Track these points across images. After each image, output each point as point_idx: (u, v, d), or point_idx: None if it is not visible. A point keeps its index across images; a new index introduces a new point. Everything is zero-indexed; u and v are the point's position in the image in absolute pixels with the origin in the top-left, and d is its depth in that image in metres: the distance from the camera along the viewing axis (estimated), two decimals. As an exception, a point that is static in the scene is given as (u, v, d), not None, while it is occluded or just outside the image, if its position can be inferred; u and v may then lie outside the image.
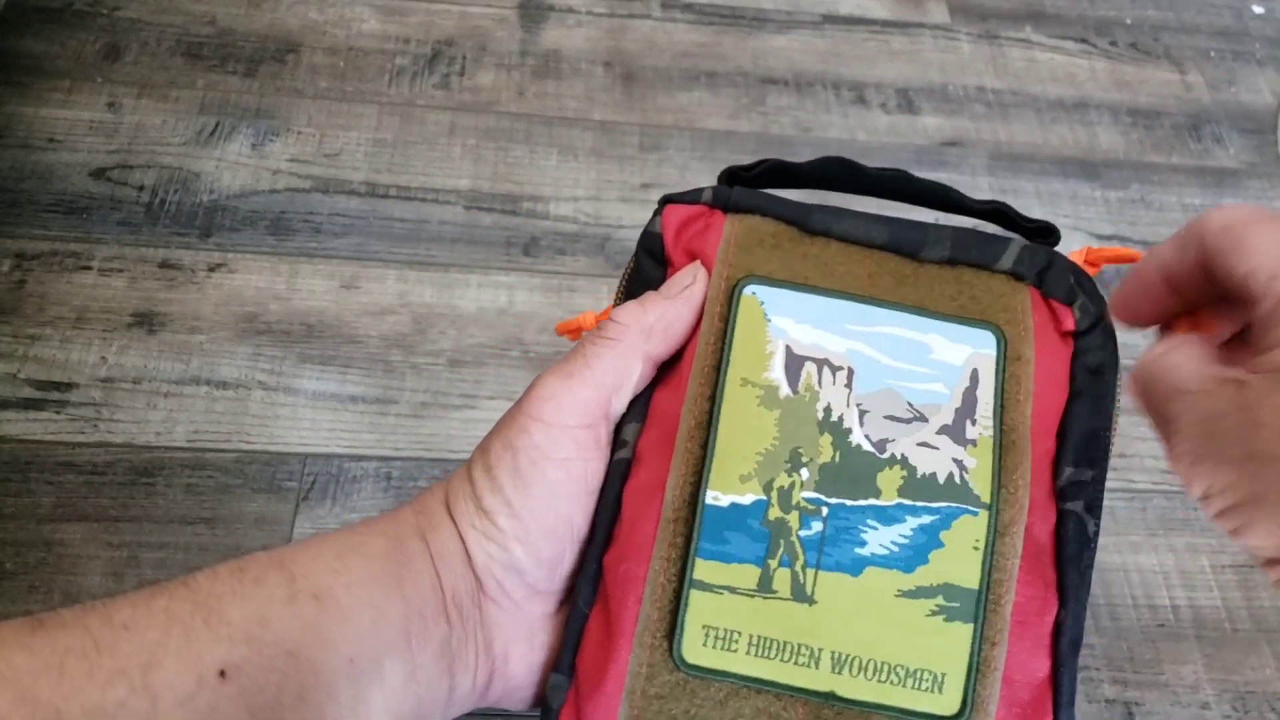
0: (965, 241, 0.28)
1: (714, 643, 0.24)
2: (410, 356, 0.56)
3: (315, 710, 0.24)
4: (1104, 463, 0.27)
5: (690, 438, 0.25)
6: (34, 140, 0.62)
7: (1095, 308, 0.28)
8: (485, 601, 0.27)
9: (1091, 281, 0.28)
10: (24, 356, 0.53)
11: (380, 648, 0.25)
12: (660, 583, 0.24)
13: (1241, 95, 0.77)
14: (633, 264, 0.30)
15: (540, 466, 0.26)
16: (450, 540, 0.27)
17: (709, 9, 0.76)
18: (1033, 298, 0.28)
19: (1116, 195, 0.69)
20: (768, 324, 0.26)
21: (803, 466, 0.25)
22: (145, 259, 0.58)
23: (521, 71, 0.70)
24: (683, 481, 0.25)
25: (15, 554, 0.47)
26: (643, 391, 0.28)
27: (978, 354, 0.26)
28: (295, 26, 0.70)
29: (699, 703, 0.24)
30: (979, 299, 0.27)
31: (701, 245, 0.28)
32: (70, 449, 0.51)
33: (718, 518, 0.24)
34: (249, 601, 0.24)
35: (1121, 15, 0.81)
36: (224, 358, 0.55)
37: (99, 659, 0.22)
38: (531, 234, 0.62)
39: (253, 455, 0.52)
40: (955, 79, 0.74)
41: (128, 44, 0.67)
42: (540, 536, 0.26)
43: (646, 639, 0.24)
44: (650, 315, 0.27)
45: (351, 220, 0.61)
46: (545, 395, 0.27)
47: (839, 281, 0.27)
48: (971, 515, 0.25)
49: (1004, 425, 0.26)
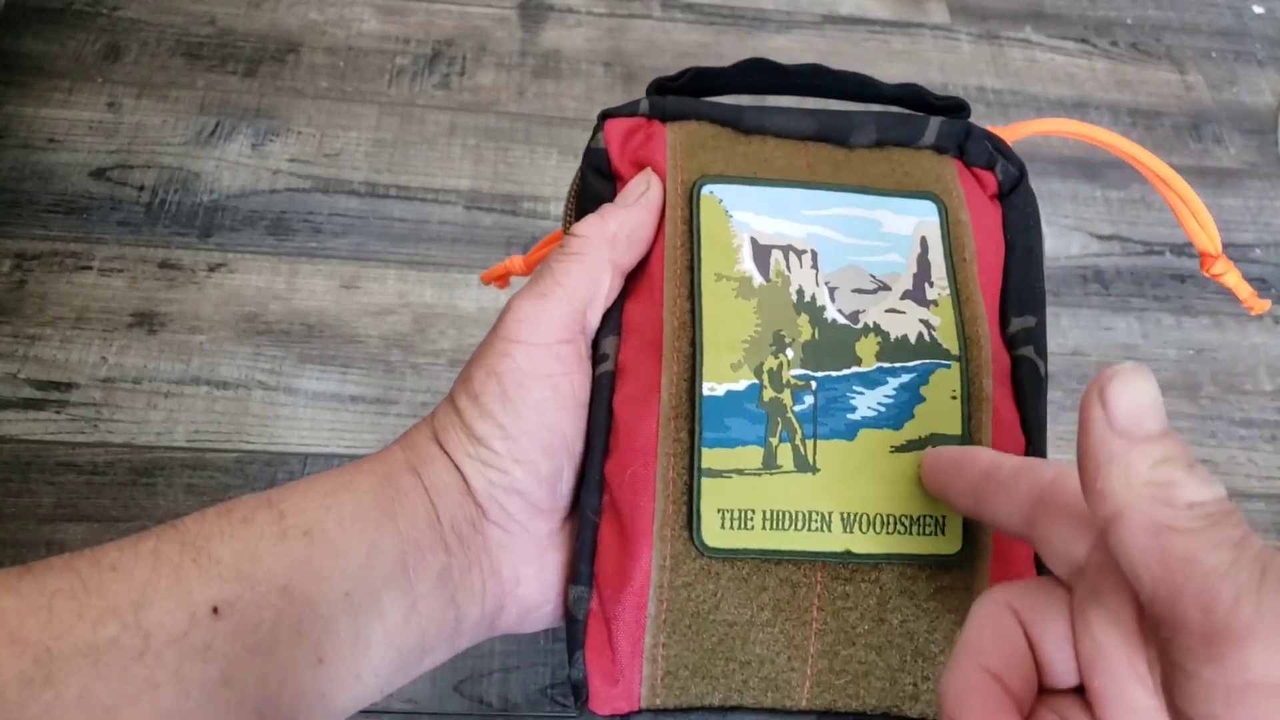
0: (888, 123, 0.29)
1: (731, 524, 0.25)
2: (410, 356, 0.56)
3: (313, 645, 0.24)
4: (1043, 309, 0.29)
5: (677, 337, 0.26)
6: (34, 140, 0.62)
7: (1015, 168, 0.30)
8: (489, 527, 0.27)
9: (1007, 146, 0.30)
10: (24, 356, 0.53)
11: (376, 581, 0.25)
12: (670, 478, 0.25)
13: (1242, 95, 0.77)
14: (579, 182, 0.31)
15: (526, 387, 0.26)
16: (445, 472, 0.27)
17: (709, 9, 0.76)
18: (958, 168, 0.29)
19: (1116, 195, 0.69)
20: (730, 219, 0.27)
21: (787, 347, 0.26)
22: (145, 259, 0.58)
23: (521, 71, 0.70)
24: (677, 380, 0.26)
25: (15, 555, 0.47)
26: (613, 305, 0.28)
27: (923, 223, 0.28)
28: (295, 26, 0.70)
29: (724, 583, 0.25)
30: (911, 174, 0.29)
31: (648, 154, 0.29)
32: (70, 449, 0.51)
33: (716, 407, 0.25)
34: (238, 540, 0.24)
35: (1121, 15, 0.81)
36: (224, 358, 0.55)
37: (88, 599, 0.21)
38: (532, 234, 0.62)
39: (253, 455, 0.52)
40: (955, 79, 0.74)
41: (128, 44, 0.67)
42: (537, 454, 0.26)
43: (666, 532, 0.25)
44: (612, 224, 0.27)
45: (351, 220, 0.61)
46: (520, 317, 0.27)
47: (782, 173, 0.29)
48: (945, 368, 0.26)
49: (957, 284, 0.27)
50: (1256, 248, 0.68)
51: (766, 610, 0.25)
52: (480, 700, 0.47)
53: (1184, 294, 0.65)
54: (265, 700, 0.23)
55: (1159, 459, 0.17)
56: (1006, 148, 0.30)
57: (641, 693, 0.25)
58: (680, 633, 0.25)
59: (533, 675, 0.47)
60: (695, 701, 0.25)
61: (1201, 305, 0.65)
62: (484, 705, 0.46)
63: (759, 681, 0.25)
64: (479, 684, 0.47)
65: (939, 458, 0.25)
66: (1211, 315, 0.64)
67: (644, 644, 0.25)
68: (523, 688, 0.47)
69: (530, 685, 0.47)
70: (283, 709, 0.23)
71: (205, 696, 0.22)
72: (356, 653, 0.24)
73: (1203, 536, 0.16)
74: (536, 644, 0.48)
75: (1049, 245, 0.66)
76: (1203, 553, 0.16)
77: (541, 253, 0.36)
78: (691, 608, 0.25)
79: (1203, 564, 0.16)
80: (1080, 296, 0.64)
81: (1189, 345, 0.63)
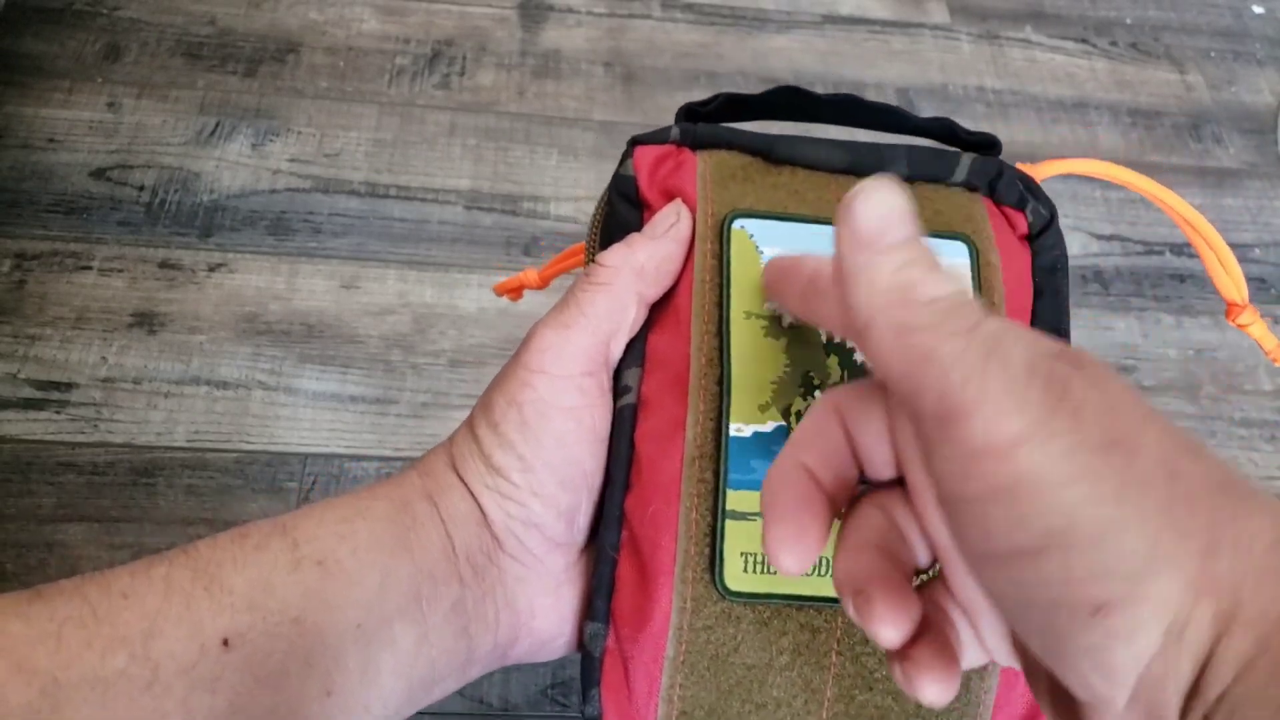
0: (920, 159, 0.29)
1: (753, 568, 0.25)
2: (410, 356, 0.56)
3: (322, 677, 0.23)
4: None
5: (703, 375, 0.26)
6: (34, 140, 0.62)
7: (1046, 210, 0.29)
8: (505, 559, 0.27)
9: (1038, 187, 0.30)
10: (24, 356, 0.53)
11: (389, 611, 0.24)
12: (693, 519, 0.25)
13: (1242, 95, 0.77)
14: (605, 208, 0.30)
15: (548, 418, 0.26)
16: (461, 502, 0.26)
17: (709, 9, 0.76)
18: (988, 207, 0.29)
19: (1116, 195, 0.69)
20: (760, 255, 0.27)
21: (815, 389, 0.26)
22: (145, 259, 0.58)
23: (521, 71, 0.70)
24: (703, 419, 0.25)
25: (16, 555, 0.47)
26: (636, 336, 0.28)
27: (953, 264, 0.27)
28: (295, 26, 0.70)
29: (745, 627, 0.25)
30: (943, 212, 0.28)
31: (678, 183, 0.28)
32: (70, 449, 0.51)
33: (742, 448, 0.25)
34: (251, 569, 0.23)
35: (1121, 15, 0.81)
36: (224, 358, 0.55)
37: (98, 627, 0.21)
38: (532, 234, 0.62)
39: (253, 455, 0.52)
40: (955, 79, 0.74)
41: (128, 44, 0.67)
42: (556, 488, 0.26)
43: (688, 574, 0.25)
44: (640, 255, 0.27)
45: (351, 220, 0.61)
46: (543, 347, 0.26)
47: (813, 207, 0.28)
48: None
49: None
50: (1256, 248, 0.68)
51: (785, 654, 0.25)
52: (480, 700, 0.47)
53: (1184, 294, 0.65)
54: None
55: (900, 264, 0.18)
56: (1038, 188, 0.30)
57: None
58: (698, 674, 0.25)
59: (533, 675, 0.47)
60: None
61: (1201, 305, 0.65)
62: (484, 705, 0.47)
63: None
64: (479, 684, 0.47)
65: (774, 266, 0.25)
66: (1211, 315, 0.64)
67: (660, 684, 0.25)
68: (523, 688, 0.47)
69: (530, 685, 0.47)
70: None
71: None
72: (365, 684, 0.24)
73: (939, 330, 0.17)
74: (537, 644, 0.48)
75: (1049, 245, 0.66)
76: (938, 344, 0.17)
77: (558, 268, 0.35)
78: (711, 650, 0.25)
79: (938, 354, 0.17)
80: (1080, 296, 0.64)
81: (1189, 345, 0.63)
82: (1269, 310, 0.65)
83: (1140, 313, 0.64)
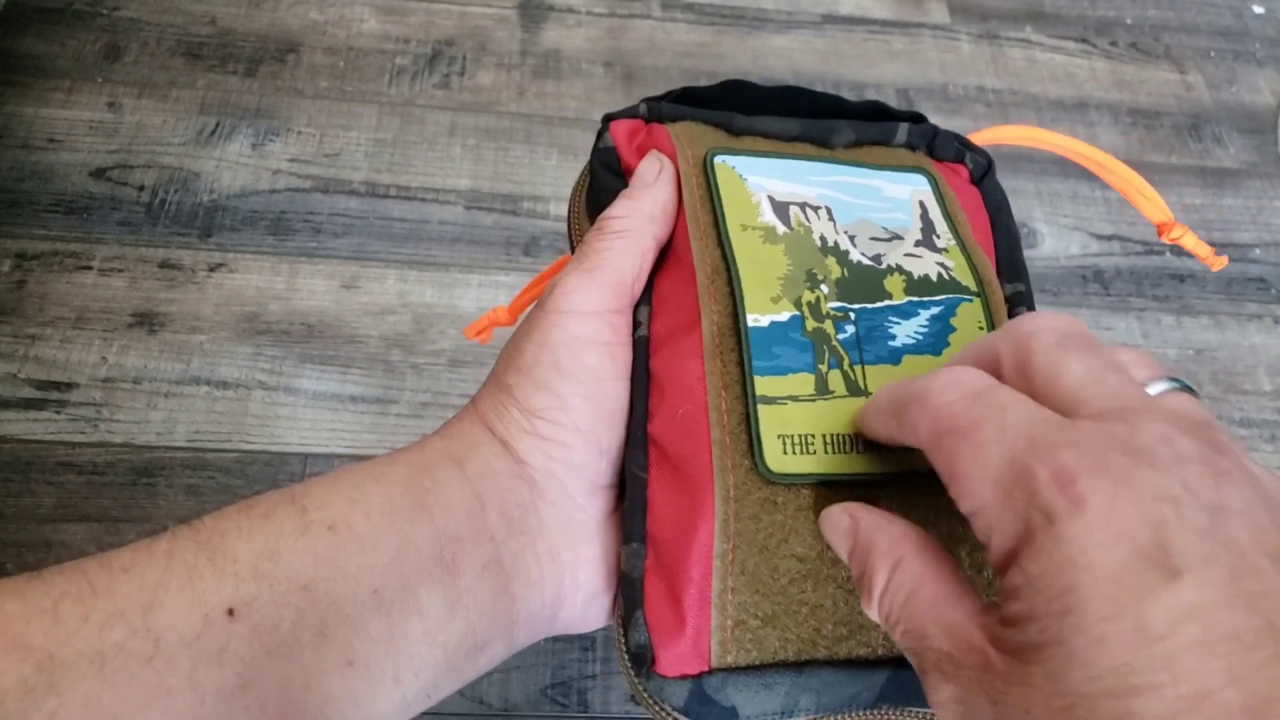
0: (864, 126, 0.31)
1: (793, 449, 0.24)
2: (410, 356, 0.56)
3: (341, 646, 0.22)
4: (1029, 280, 0.30)
5: (711, 281, 0.27)
6: (34, 140, 0.62)
7: (983, 159, 0.32)
8: (545, 508, 0.26)
9: (971, 142, 0.32)
10: (24, 356, 0.53)
11: (410, 576, 0.23)
12: (723, 409, 0.25)
13: (1242, 95, 0.77)
14: (588, 179, 0.32)
15: (581, 355, 0.26)
16: (493, 458, 0.26)
17: (709, 9, 0.76)
18: (931, 161, 0.31)
19: (1116, 195, 0.69)
20: (745, 181, 0.28)
21: (820, 283, 0.27)
22: (145, 259, 0.58)
23: (521, 71, 0.70)
24: (719, 317, 0.26)
25: (16, 555, 0.47)
26: None
27: (918, 190, 0.30)
28: (295, 26, 0.70)
29: (791, 513, 0.24)
30: (892, 161, 0.31)
31: (654, 145, 0.30)
32: (71, 449, 0.51)
33: (762, 336, 0.26)
34: (257, 537, 0.23)
35: (1121, 15, 0.81)
36: (224, 358, 0.55)
37: (95, 602, 0.21)
38: (532, 234, 0.62)
39: (253, 455, 0.52)
40: (955, 79, 0.74)
41: (128, 44, 0.67)
42: (597, 423, 0.26)
43: (727, 463, 0.24)
44: (646, 202, 0.27)
45: (351, 220, 0.61)
46: (570, 289, 0.26)
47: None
48: (969, 301, 0.27)
49: (960, 238, 0.29)
50: (1256, 248, 0.68)
51: None
52: (480, 700, 0.47)
53: (1184, 294, 0.65)
54: (289, 705, 0.22)
55: None
56: (971, 143, 0.32)
57: (712, 647, 0.24)
58: (749, 572, 0.24)
59: (533, 675, 0.47)
60: (769, 658, 0.24)
61: (1201, 305, 0.65)
62: (484, 705, 0.47)
63: (833, 628, 0.24)
64: (479, 684, 0.47)
65: (878, 407, 0.25)
66: (1211, 315, 0.64)
67: (712, 589, 0.24)
68: (523, 688, 0.47)
69: (530, 685, 0.47)
70: (309, 715, 0.22)
71: (222, 702, 0.21)
72: (392, 653, 0.23)
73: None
74: (537, 644, 0.48)
75: (1049, 245, 0.66)
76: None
77: (527, 297, 0.35)
78: (760, 540, 0.24)
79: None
80: (1080, 296, 0.64)
81: (1189, 345, 0.63)
82: (1269, 310, 0.65)
83: (1140, 313, 0.64)
